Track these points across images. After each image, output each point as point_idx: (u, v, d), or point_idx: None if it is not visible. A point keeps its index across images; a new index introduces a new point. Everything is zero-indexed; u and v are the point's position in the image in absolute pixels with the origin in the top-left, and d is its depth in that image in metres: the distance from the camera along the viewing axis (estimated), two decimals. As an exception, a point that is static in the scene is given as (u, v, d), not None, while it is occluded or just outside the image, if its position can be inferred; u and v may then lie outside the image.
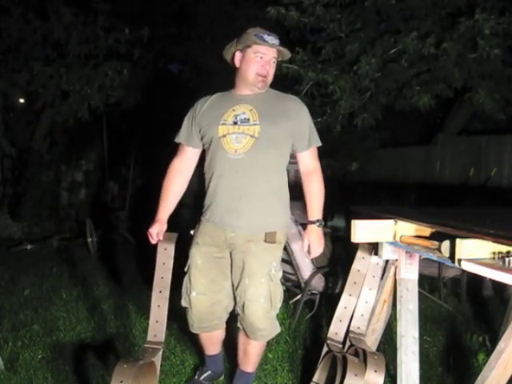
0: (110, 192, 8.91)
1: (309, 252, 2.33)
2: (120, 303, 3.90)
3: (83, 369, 2.77)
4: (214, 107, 2.28)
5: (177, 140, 2.36)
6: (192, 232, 2.38)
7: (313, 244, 2.31)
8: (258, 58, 2.19)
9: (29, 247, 6.22)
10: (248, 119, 2.19)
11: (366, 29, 5.07)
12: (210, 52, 2.10)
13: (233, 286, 2.30)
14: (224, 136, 2.19)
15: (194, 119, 2.30)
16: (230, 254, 2.28)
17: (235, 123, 2.19)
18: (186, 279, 2.32)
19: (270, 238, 2.21)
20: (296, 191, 2.41)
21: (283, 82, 5.33)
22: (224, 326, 2.43)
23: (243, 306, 2.21)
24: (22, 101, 7.81)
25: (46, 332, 3.32)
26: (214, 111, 2.26)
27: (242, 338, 2.37)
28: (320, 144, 2.34)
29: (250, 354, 2.37)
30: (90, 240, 5.96)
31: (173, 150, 2.40)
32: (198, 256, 2.29)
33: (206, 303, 2.29)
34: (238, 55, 2.24)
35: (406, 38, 4.67)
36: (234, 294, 2.30)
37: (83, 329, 3.40)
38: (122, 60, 7.12)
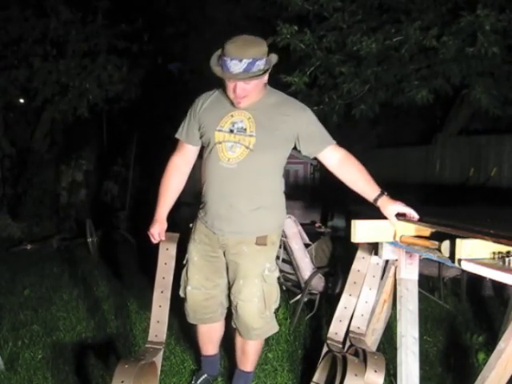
0: (109, 192, 8.92)
1: (405, 215, 2.06)
2: (120, 303, 3.90)
3: (83, 369, 2.77)
4: (213, 107, 2.22)
5: (177, 136, 2.33)
6: (191, 225, 2.41)
7: (404, 209, 2.06)
8: (230, 82, 2.07)
9: (29, 247, 6.21)
10: (245, 129, 2.13)
11: (367, 21, 5.09)
12: (210, 50, 2.07)
13: (229, 283, 2.34)
14: (220, 143, 2.15)
15: (194, 116, 2.26)
16: (224, 253, 2.30)
17: (231, 131, 2.14)
18: (183, 272, 2.38)
19: (260, 240, 2.22)
20: (296, 191, 2.42)
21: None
22: (221, 320, 2.46)
23: (237, 306, 2.25)
24: (22, 101, 7.82)
25: (46, 332, 3.32)
26: (213, 112, 2.20)
27: (238, 337, 2.38)
28: (334, 142, 2.24)
29: (248, 353, 2.39)
30: (89, 240, 5.95)
31: (172, 146, 2.39)
32: (194, 252, 2.34)
33: (201, 297, 2.35)
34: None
35: (409, 26, 4.69)
36: (229, 292, 2.34)
37: (83, 329, 3.40)
38: (120, 56, 7.14)
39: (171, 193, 2.36)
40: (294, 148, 2.27)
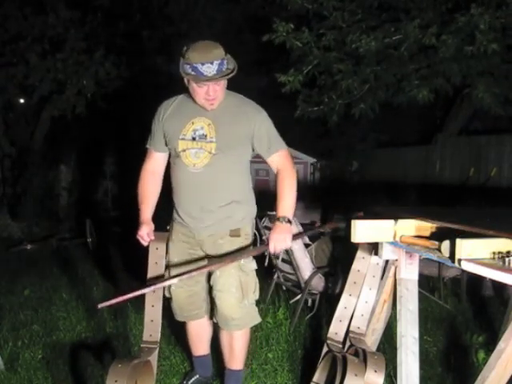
0: (109, 192, 8.92)
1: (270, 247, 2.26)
2: (120, 303, 3.89)
3: (83, 369, 2.78)
4: (175, 115, 2.31)
5: (147, 146, 2.44)
6: (168, 227, 2.47)
7: (273, 239, 2.24)
8: (201, 87, 2.16)
9: (29, 247, 6.22)
10: (205, 135, 2.24)
11: (367, 20, 5.09)
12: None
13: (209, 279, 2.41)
14: (184, 150, 2.26)
15: (158, 125, 2.35)
16: (202, 250, 2.39)
17: (194, 139, 2.25)
18: (165, 273, 2.42)
19: (234, 233, 2.33)
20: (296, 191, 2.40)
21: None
22: (207, 315, 2.50)
23: (215, 297, 2.31)
24: (21, 101, 7.81)
25: (46, 332, 3.33)
26: (175, 120, 2.30)
27: (223, 335, 2.42)
28: (285, 147, 2.34)
29: (234, 349, 2.41)
30: (89, 240, 5.96)
31: (144, 153, 2.46)
32: (173, 252, 2.41)
33: (184, 295, 2.42)
34: (184, 78, 2.21)
35: (408, 25, 4.69)
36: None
37: (83, 329, 3.40)
38: (119, 54, 7.14)
39: (150, 197, 2.42)
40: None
